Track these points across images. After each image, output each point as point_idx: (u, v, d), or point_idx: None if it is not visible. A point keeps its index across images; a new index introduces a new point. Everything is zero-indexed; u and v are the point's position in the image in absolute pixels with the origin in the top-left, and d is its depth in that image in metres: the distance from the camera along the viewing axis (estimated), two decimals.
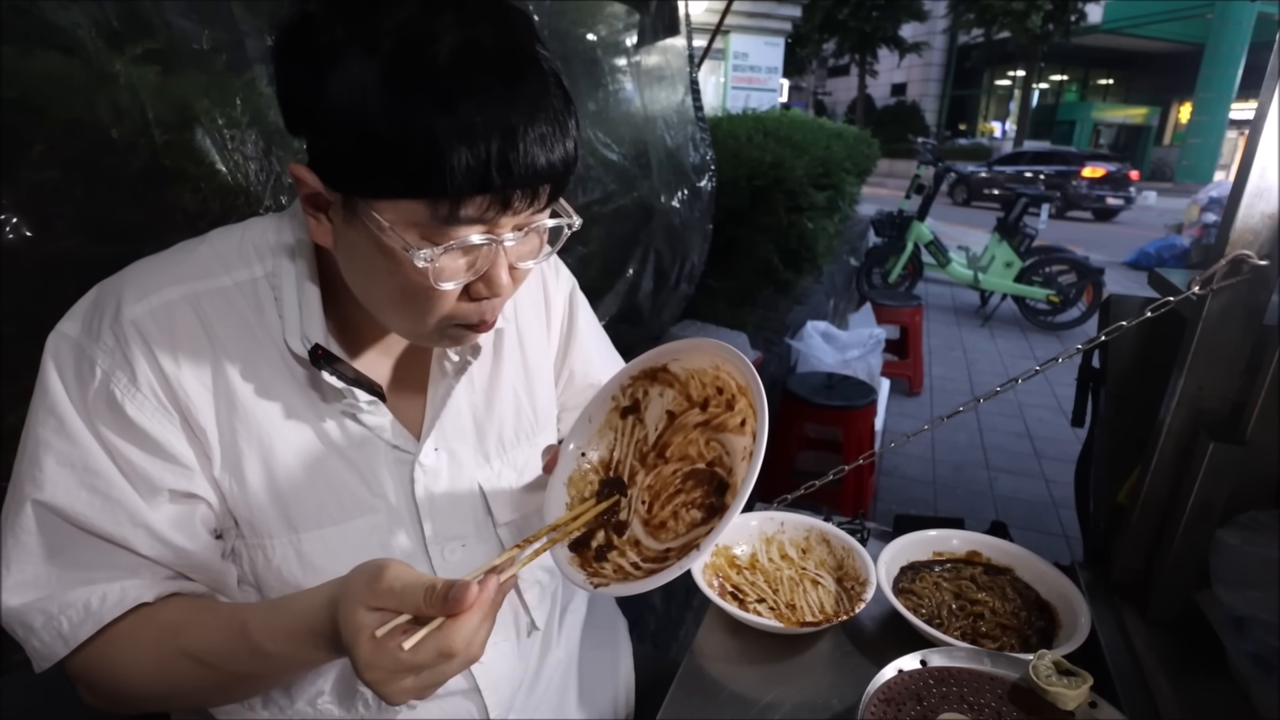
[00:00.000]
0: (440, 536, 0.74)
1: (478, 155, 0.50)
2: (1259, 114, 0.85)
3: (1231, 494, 0.90)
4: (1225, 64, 19.90)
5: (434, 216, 0.53)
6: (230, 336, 0.64)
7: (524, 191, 0.54)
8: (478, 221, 0.54)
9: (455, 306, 0.60)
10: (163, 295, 0.62)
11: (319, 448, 0.67)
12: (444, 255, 0.55)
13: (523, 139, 0.51)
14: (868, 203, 7.73)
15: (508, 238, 0.57)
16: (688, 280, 2.68)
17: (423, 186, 0.51)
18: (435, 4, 0.51)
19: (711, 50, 3.40)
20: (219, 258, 0.65)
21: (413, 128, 0.49)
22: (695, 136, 2.61)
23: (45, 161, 0.82)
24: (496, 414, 0.79)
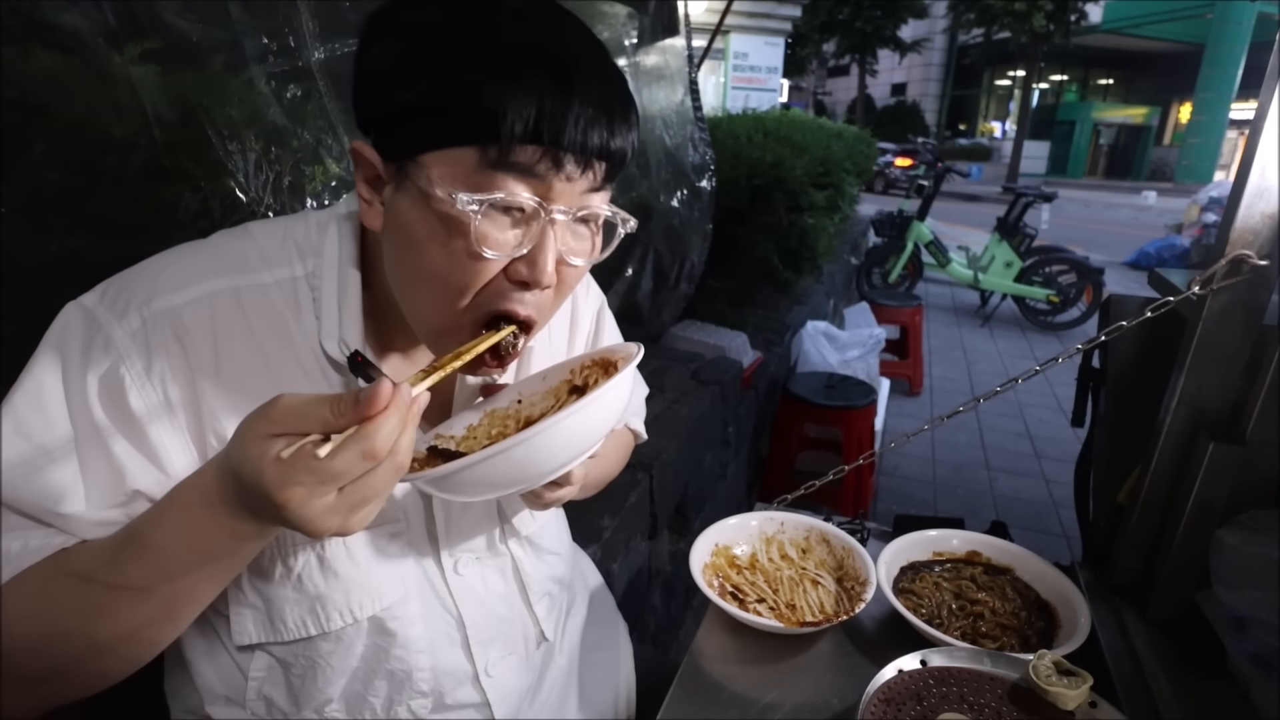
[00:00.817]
0: (454, 548, 0.73)
1: (529, 99, 0.51)
2: (1259, 114, 0.85)
3: (1231, 494, 0.90)
4: (1225, 64, 19.92)
5: (483, 160, 0.53)
6: (267, 336, 0.62)
7: (576, 158, 0.54)
8: (527, 174, 0.54)
9: (495, 284, 0.58)
10: (203, 287, 0.60)
11: None
12: (489, 210, 0.54)
13: (578, 100, 0.52)
14: (868, 203, 7.74)
15: (557, 211, 0.56)
16: (687, 280, 2.68)
17: (472, 130, 0.52)
18: None
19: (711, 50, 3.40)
20: (261, 253, 0.64)
21: (466, 70, 0.51)
22: (694, 136, 2.61)
23: (45, 161, 0.82)
24: None
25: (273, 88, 1.02)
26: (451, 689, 0.74)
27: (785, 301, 3.87)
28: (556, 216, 0.56)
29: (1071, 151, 27.54)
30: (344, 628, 0.67)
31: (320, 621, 0.66)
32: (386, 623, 0.69)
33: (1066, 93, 30.87)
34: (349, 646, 0.68)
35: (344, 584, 0.65)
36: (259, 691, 0.69)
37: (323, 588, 0.65)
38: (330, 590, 0.65)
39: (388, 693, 0.71)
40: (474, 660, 0.75)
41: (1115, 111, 28.59)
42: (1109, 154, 28.62)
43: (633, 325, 2.43)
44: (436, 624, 0.73)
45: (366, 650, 0.69)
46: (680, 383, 2.37)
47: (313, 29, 1.06)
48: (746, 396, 2.79)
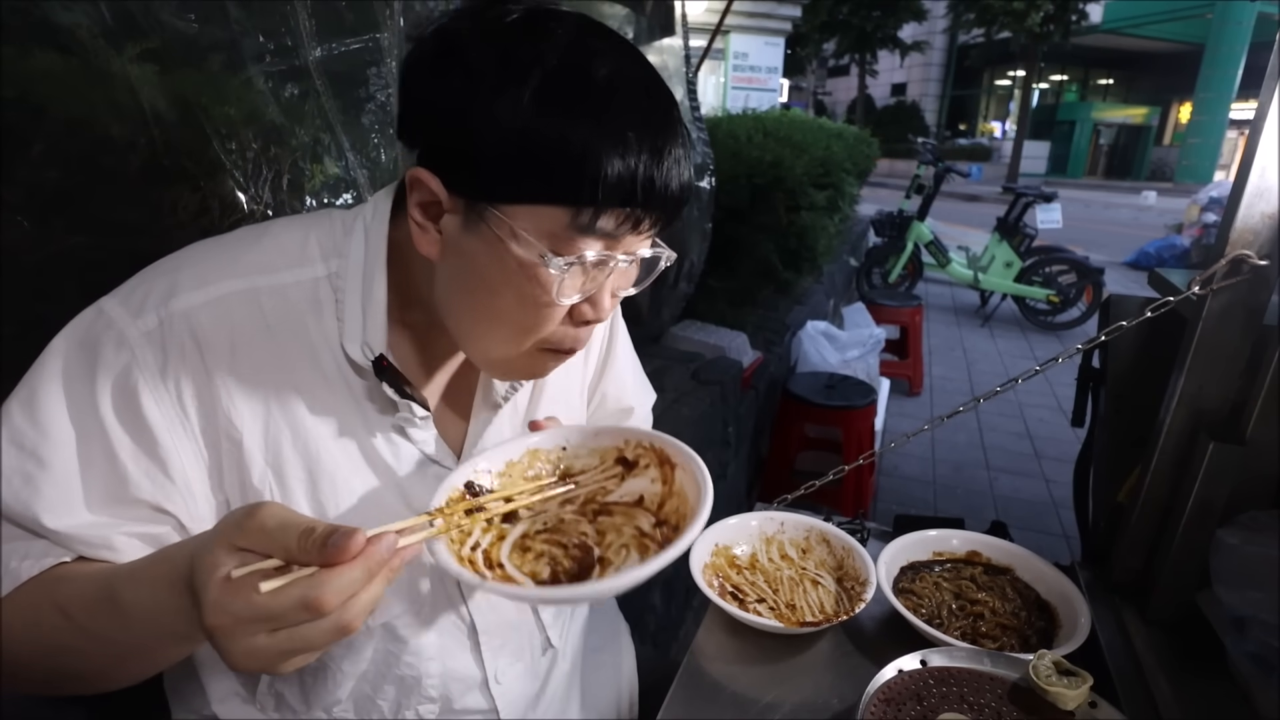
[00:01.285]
0: None
1: (629, 166, 0.52)
2: (1259, 114, 0.85)
3: (1231, 494, 0.89)
4: (1225, 64, 19.92)
5: (573, 224, 0.53)
6: (287, 338, 0.61)
7: (656, 214, 0.56)
8: (610, 236, 0.55)
9: (558, 327, 0.60)
10: (222, 286, 0.59)
11: (362, 460, 0.65)
12: (572, 268, 0.55)
13: (666, 158, 0.54)
14: (868, 203, 7.74)
15: (621, 259, 0.57)
16: (687, 280, 2.68)
17: (572, 193, 0.52)
18: (587, 31, 0.55)
19: (711, 50, 3.40)
20: (282, 251, 0.63)
21: (571, 134, 0.51)
22: (694, 136, 2.61)
23: (44, 161, 0.82)
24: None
25: (271, 87, 1.02)
26: (460, 695, 0.74)
27: (785, 301, 3.87)
28: (624, 266, 0.59)
29: (1071, 151, 27.54)
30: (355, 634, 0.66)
31: None
32: (398, 630, 0.69)
33: (1066, 93, 30.87)
34: (359, 651, 0.68)
35: None
36: (271, 685, 0.69)
37: None
38: None
39: (396, 696, 0.71)
40: (484, 667, 0.75)
41: (1115, 111, 28.59)
42: (1109, 154, 28.62)
43: (632, 325, 2.43)
44: (449, 631, 0.72)
45: (376, 655, 0.69)
46: (680, 383, 2.37)
47: (310, 28, 1.05)
48: (746, 396, 2.79)
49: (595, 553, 0.65)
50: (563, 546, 0.66)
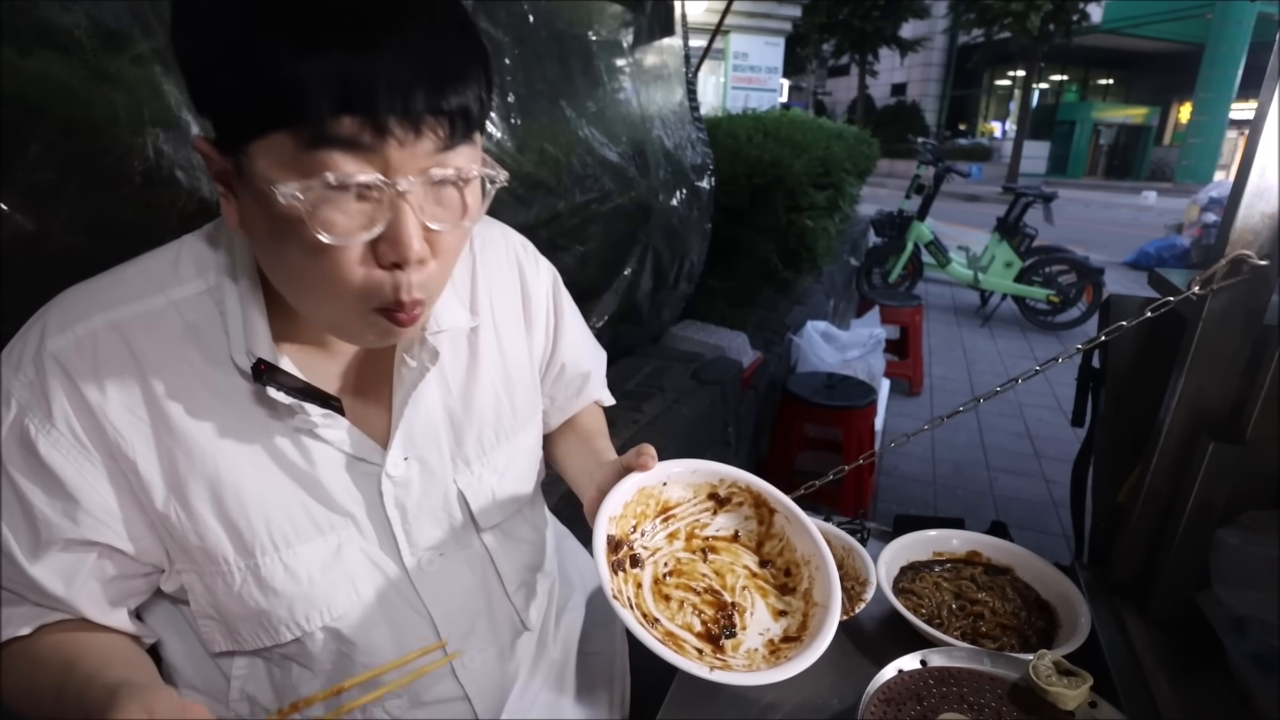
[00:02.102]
0: (416, 548, 0.71)
1: (325, 63, 0.46)
2: (1259, 114, 0.85)
3: (1231, 494, 0.89)
4: (1225, 64, 19.91)
5: (299, 144, 0.48)
6: (165, 361, 0.60)
7: (402, 122, 0.49)
8: (353, 148, 0.49)
9: (367, 278, 0.54)
10: (87, 324, 0.58)
11: (270, 468, 0.63)
12: (324, 194, 0.49)
13: (390, 61, 0.47)
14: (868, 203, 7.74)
15: (403, 183, 0.51)
16: (687, 280, 2.68)
17: (277, 109, 0.47)
18: None
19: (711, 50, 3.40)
20: (150, 279, 0.61)
21: (256, 43, 0.46)
22: (693, 136, 2.61)
23: (42, 161, 0.82)
24: (476, 416, 0.75)
25: None
26: (428, 686, 0.73)
27: (785, 301, 3.87)
28: (403, 187, 0.51)
29: (1071, 151, 27.53)
30: (297, 639, 0.66)
31: (271, 634, 0.65)
32: (343, 631, 0.67)
33: (1066, 93, 30.86)
34: (311, 656, 0.67)
35: (285, 600, 0.64)
36: (241, 691, 0.69)
37: (263, 604, 0.63)
38: (272, 606, 0.64)
39: (361, 694, 0.70)
40: (448, 654, 0.74)
41: (1115, 111, 28.58)
42: (1109, 154, 28.61)
43: (632, 325, 2.43)
44: (404, 624, 0.71)
45: (331, 656, 0.68)
46: (680, 383, 2.37)
47: None
48: (746, 396, 2.79)
49: (727, 598, 0.75)
50: (695, 593, 0.74)
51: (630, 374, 2.30)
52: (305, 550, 0.65)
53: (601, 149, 2.04)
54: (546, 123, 1.85)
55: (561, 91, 1.92)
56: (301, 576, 0.64)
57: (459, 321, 0.73)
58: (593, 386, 0.95)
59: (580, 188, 1.93)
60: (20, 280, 0.81)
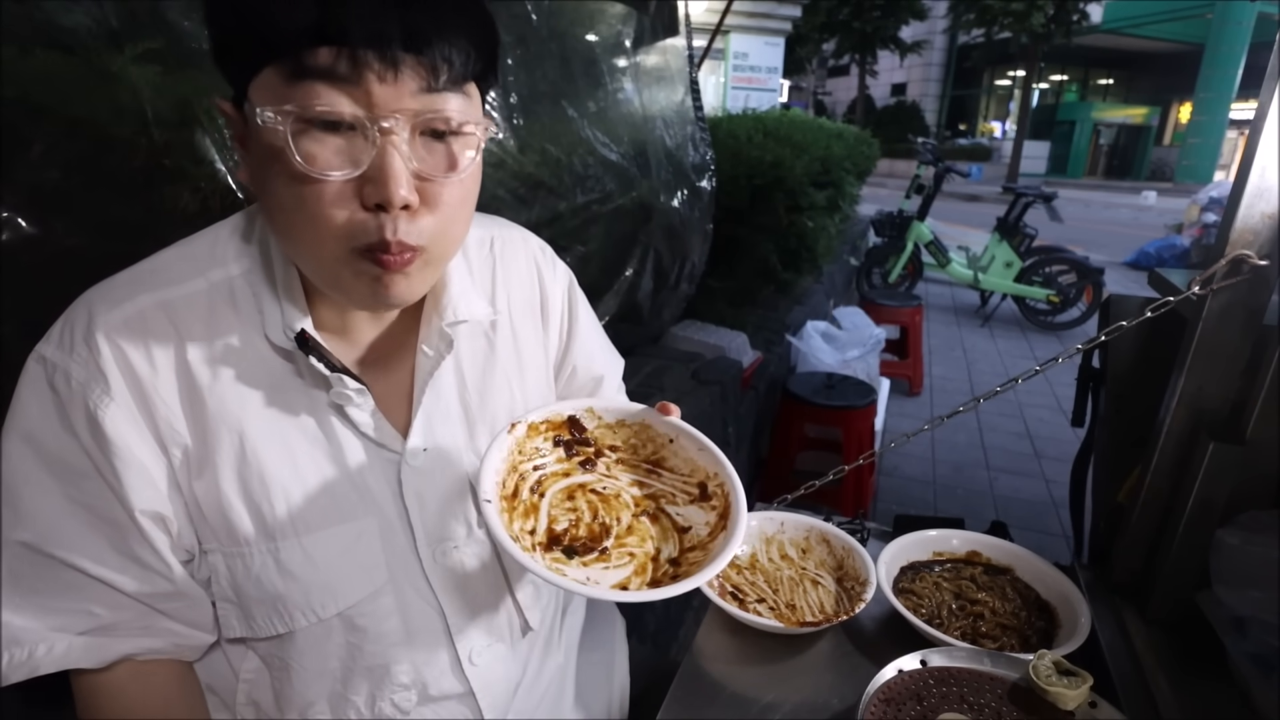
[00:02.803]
0: (431, 539, 0.71)
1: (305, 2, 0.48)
2: (1259, 114, 0.85)
3: (1231, 494, 0.90)
4: (1225, 64, 19.91)
5: (283, 77, 0.50)
6: (206, 341, 0.62)
7: (379, 54, 0.50)
8: (330, 77, 0.50)
9: (350, 218, 0.54)
10: (136, 303, 0.60)
11: (299, 452, 0.65)
12: (305, 126, 0.51)
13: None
14: (868, 203, 7.74)
15: (387, 121, 0.51)
16: (687, 280, 2.68)
17: (261, 43, 0.50)
18: None
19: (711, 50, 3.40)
20: (190, 262, 0.63)
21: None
22: (695, 136, 2.61)
23: (45, 161, 0.82)
24: (490, 408, 0.76)
25: None
26: (435, 679, 0.73)
27: (785, 301, 3.87)
28: (386, 124, 0.52)
29: (1071, 151, 27.52)
30: (310, 626, 0.66)
31: (285, 620, 0.65)
32: (355, 620, 0.68)
33: (1066, 93, 30.85)
34: (319, 645, 0.67)
35: (302, 585, 0.64)
36: (248, 694, 0.69)
37: (280, 588, 0.64)
38: (288, 590, 0.64)
39: (369, 690, 0.70)
40: (456, 649, 0.74)
41: (1115, 111, 28.57)
42: (1109, 154, 28.60)
43: (633, 325, 2.43)
44: (414, 615, 0.71)
45: (340, 649, 0.68)
46: (680, 383, 2.37)
47: None
48: (746, 396, 2.79)
49: (606, 543, 0.68)
50: (594, 515, 0.70)
51: (630, 374, 2.29)
52: (325, 536, 0.65)
53: (603, 149, 2.04)
54: (548, 123, 1.85)
55: (563, 92, 1.92)
56: (320, 563, 0.65)
57: (478, 313, 0.73)
58: (607, 391, 0.94)
59: (582, 188, 1.93)
60: (22, 280, 0.81)
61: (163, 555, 0.61)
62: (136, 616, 0.62)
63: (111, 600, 0.61)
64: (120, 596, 0.61)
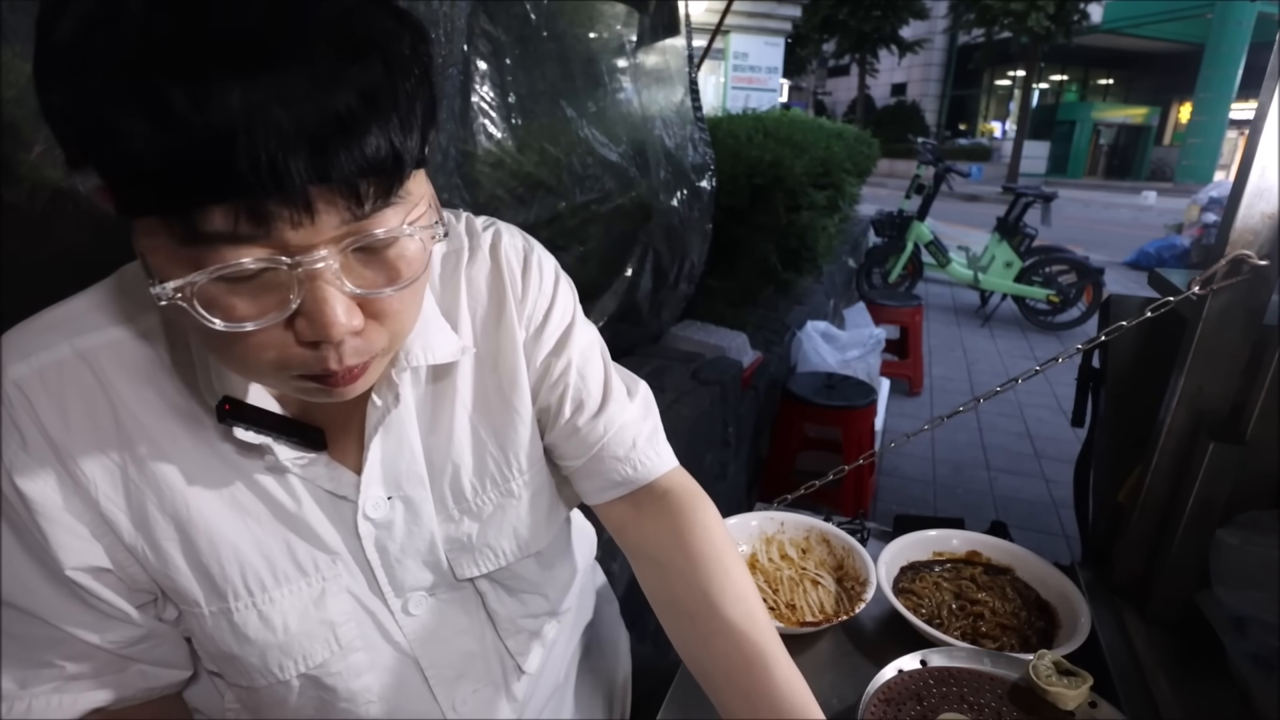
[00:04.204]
0: (401, 589, 0.66)
1: (179, 145, 0.36)
2: (1259, 114, 0.85)
3: (1231, 494, 0.90)
4: (1225, 64, 19.91)
5: (172, 237, 0.40)
6: (133, 393, 0.54)
7: (289, 200, 0.39)
8: (235, 240, 0.40)
9: (283, 353, 0.46)
10: (53, 352, 0.52)
11: (249, 508, 0.58)
12: (204, 286, 0.41)
13: (252, 118, 0.36)
14: (868, 203, 7.74)
15: (312, 259, 0.42)
16: (687, 280, 2.68)
17: (139, 199, 0.40)
18: None
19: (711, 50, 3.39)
20: (105, 311, 0.55)
21: (113, 111, 0.36)
22: (694, 136, 2.61)
23: (46, 161, 0.82)
24: (453, 460, 0.66)
25: None
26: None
27: (785, 301, 3.87)
28: (313, 266, 0.42)
29: (1071, 151, 27.52)
30: (271, 685, 0.62)
31: (245, 676, 0.61)
32: (323, 679, 0.63)
33: (1066, 93, 30.85)
34: (283, 702, 0.63)
35: (258, 648, 0.60)
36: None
37: (235, 649, 0.60)
38: (245, 653, 0.60)
39: None
40: (438, 700, 0.69)
41: (1115, 111, 28.56)
42: (1109, 154, 28.60)
43: (632, 325, 2.43)
44: (389, 669, 0.66)
45: (311, 703, 0.64)
46: (680, 383, 2.37)
47: None
48: (746, 396, 2.79)
49: None
50: None
51: None
52: (283, 595, 0.60)
53: (602, 149, 2.04)
54: (547, 123, 1.84)
55: (562, 91, 1.92)
56: (277, 625, 0.60)
57: (440, 354, 0.62)
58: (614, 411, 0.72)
59: (581, 188, 1.93)
60: (23, 280, 0.81)
61: (114, 604, 0.56)
62: (104, 665, 0.58)
63: (74, 650, 0.56)
64: (83, 646, 0.56)
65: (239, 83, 0.36)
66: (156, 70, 0.36)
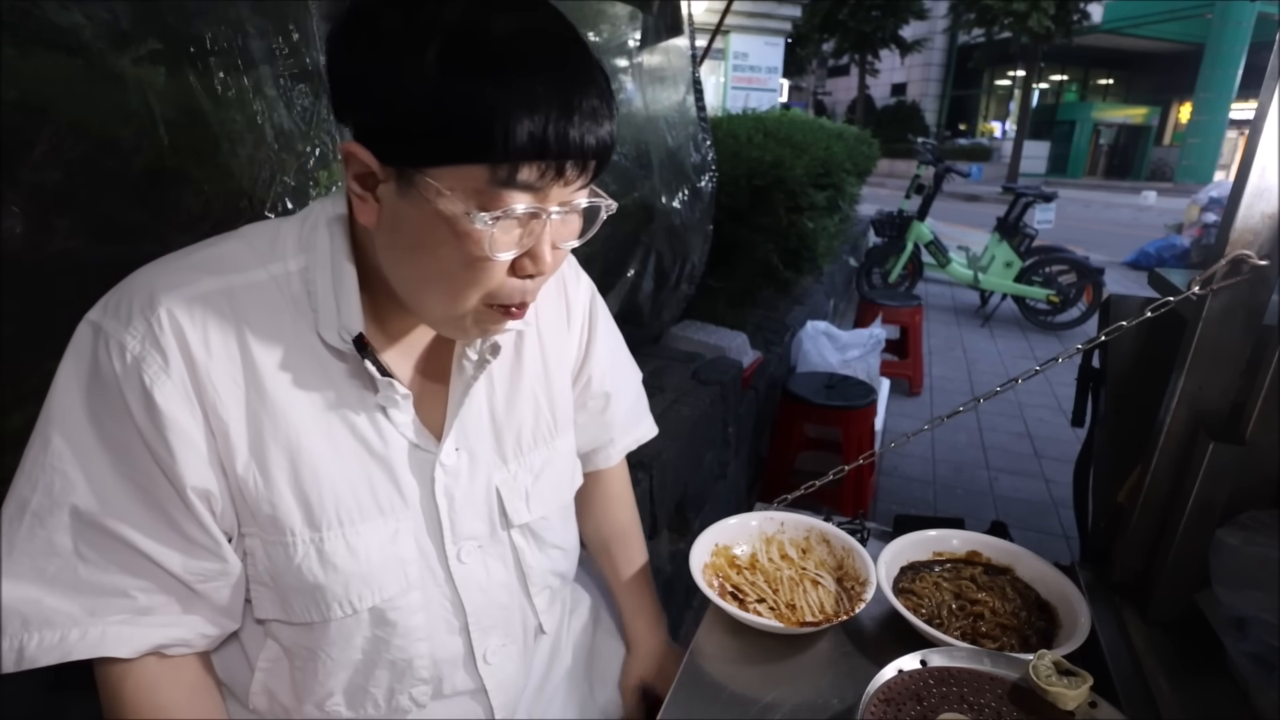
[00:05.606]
0: (458, 536, 0.74)
1: (537, 122, 0.52)
2: (1259, 114, 0.85)
3: (1231, 494, 0.90)
4: (1225, 64, 19.91)
5: (492, 180, 0.54)
6: (264, 330, 0.63)
7: (575, 163, 0.56)
8: (531, 189, 0.56)
9: (500, 282, 0.61)
10: (199, 286, 0.61)
11: (346, 445, 0.66)
12: (500, 222, 0.56)
13: (577, 111, 0.54)
14: (868, 203, 7.74)
15: (554, 211, 0.58)
16: (688, 280, 2.68)
17: (486, 151, 0.53)
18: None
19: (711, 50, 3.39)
20: (254, 251, 0.65)
21: (477, 94, 0.51)
22: (697, 136, 2.61)
23: (46, 162, 0.82)
24: (516, 416, 0.79)
25: (280, 89, 1.02)
26: (450, 675, 0.75)
27: (785, 301, 3.87)
28: (554, 216, 0.59)
29: (1071, 151, 27.52)
30: (344, 618, 0.67)
31: (321, 609, 0.66)
32: (387, 613, 0.69)
33: (1066, 93, 30.84)
34: (348, 638, 0.68)
35: (343, 577, 0.66)
36: (263, 684, 0.70)
37: (321, 579, 0.65)
38: (329, 582, 0.65)
39: (389, 682, 0.72)
40: (473, 646, 0.76)
41: (1115, 111, 28.56)
42: (1109, 154, 28.59)
43: (633, 326, 2.43)
44: (436, 611, 0.73)
45: (366, 642, 0.69)
46: (680, 383, 2.37)
47: (323, 30, 1.05)
48: (746, 396, 2.79)
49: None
50: None
51: None
52: (367, 529, 0.67)
53: None
54: None
55: None
56: (361, 555, 0.66)
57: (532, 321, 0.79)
58: (616, 409, 0.94)
59: None
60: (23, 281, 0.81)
61: (210, 532, 0.62)
62: (171, 601, 0.62)
63: (152, 580, 0.61)
64: (162, 576, 0.61)
65: (582, 92, 0.54)
66: (552, 76, 0.53)
